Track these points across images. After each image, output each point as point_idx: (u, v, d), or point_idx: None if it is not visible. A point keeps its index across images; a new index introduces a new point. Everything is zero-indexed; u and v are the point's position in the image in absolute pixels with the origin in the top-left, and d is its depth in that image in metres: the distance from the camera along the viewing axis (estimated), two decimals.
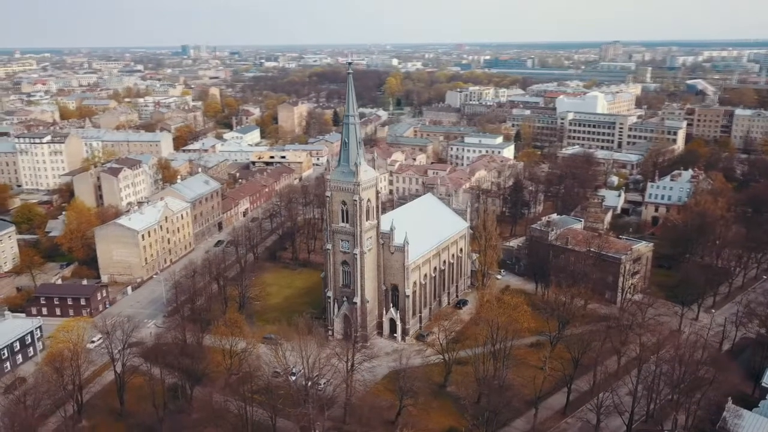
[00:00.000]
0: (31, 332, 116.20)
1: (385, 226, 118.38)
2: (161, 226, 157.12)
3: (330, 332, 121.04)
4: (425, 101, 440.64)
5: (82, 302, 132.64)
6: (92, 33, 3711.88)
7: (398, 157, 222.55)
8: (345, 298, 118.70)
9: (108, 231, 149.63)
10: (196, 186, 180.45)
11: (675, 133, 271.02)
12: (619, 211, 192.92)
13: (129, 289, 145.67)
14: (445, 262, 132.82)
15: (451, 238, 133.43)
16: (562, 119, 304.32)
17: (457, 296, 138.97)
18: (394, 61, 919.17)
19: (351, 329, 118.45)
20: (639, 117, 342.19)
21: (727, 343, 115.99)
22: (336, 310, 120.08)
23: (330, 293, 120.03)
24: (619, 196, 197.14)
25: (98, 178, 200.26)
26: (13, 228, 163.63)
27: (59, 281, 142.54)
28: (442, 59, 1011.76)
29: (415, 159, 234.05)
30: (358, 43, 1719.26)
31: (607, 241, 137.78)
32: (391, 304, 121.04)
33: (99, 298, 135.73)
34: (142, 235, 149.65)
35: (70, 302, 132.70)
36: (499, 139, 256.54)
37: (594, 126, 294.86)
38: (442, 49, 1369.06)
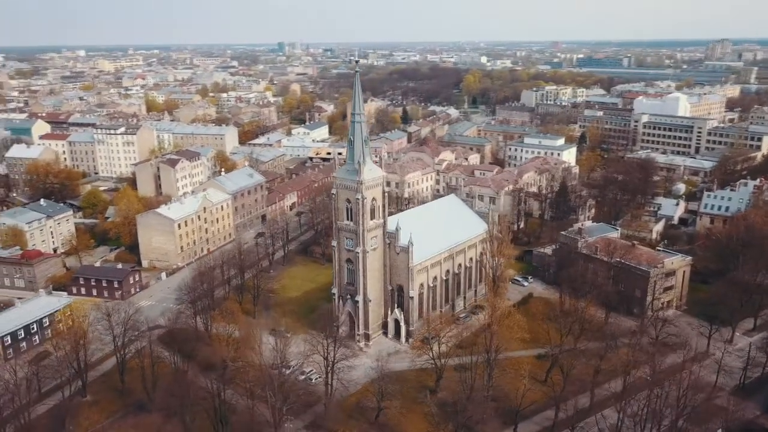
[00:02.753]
0: (60, 310, 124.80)
1: (402, 226, 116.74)
2: (199, 216, 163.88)
3: (336, 329, 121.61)
4: (501, 100, 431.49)
5: (115, 285, 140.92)
6: (200, 31, 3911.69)
7: (447, 156, 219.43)
8: (349, 296, 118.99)
9: (148, 219, 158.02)
10: (239, 179, 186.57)
11: (759, 139, 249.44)
12: (676, 221, 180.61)
13: (163, 274, 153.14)
14: (460, 265, 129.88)
15: (468, 242, 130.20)
16: (636, 122, 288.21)
17: (475, 301, 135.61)
18: (483, 59, 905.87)
19: (354, 327, 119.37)
20: (730, 121, 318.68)
21: (758, 371, 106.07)
22: (341, 307, 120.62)
23: (335, 290, 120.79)
24: (677, 204, 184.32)
25: (158, 169, 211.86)
26: (70, 212, 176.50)
27: (99, 264, 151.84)
28: (534, 57, 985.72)
29: (467, 159, 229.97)
30: (452, 41, 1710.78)
31: (635, 252, 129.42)
32: (396, 305, 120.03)
33: (131, 281, 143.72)
34: (179, 224, 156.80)
35: (104, 284, 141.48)
36: (560, 141, 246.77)
37: (669, 129, 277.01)
38: (536, 47, 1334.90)
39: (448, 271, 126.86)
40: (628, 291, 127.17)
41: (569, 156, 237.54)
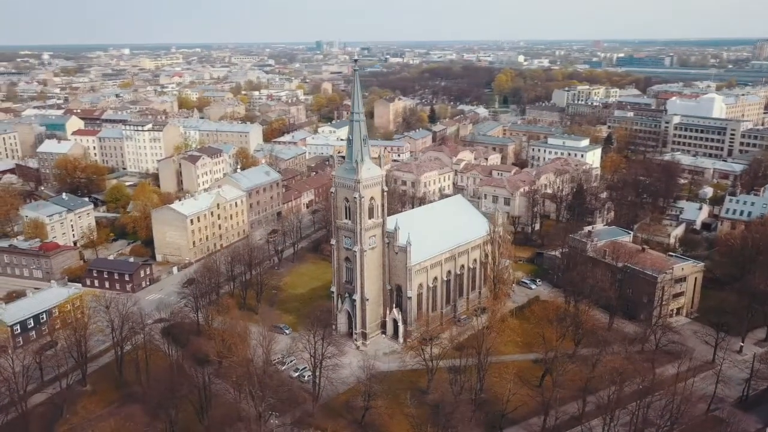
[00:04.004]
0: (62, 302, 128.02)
1: (403, 226, 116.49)
2: (212, 213, 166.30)
3: (334, 327, 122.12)
4: (532, 99, 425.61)
5: (126, 278, 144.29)
6: (241, 30, 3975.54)
7: (465, 156, 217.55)
8: (347, 295, 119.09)
9: (162, 214, 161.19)
10: (255, 176, 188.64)
11: None
12: (698, 225, 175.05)
13: (175, 269, 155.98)
14: (463, 266, 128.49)
15: (471, 243, 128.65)
16: (667, 123, 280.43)
17: (479, 303, 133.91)
18: (520, 58, 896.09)
19: (352, 326, 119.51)
20: None
21: (764, 383, 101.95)
22: (340, 305, 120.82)
23: (334, 288, 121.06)
24: (700, 209, 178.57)
25: (180, 165, 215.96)
26: (91, 206, 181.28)
27: (112, 257, 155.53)
28: (572, 56, 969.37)
29: (487, 159, 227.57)
30: (491, 39, 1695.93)
31: (644, 257, 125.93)
32: (395, 305, 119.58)
33: (141, 275, 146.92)
34: (191, 220, 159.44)
35: (116, 277, 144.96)
36: (585, 142, 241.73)
37: (701, 131, 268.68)
38: (576, 46, 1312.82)
39: (449, 271, 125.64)
40: (636, 296, 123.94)
41: (593, 157, 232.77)
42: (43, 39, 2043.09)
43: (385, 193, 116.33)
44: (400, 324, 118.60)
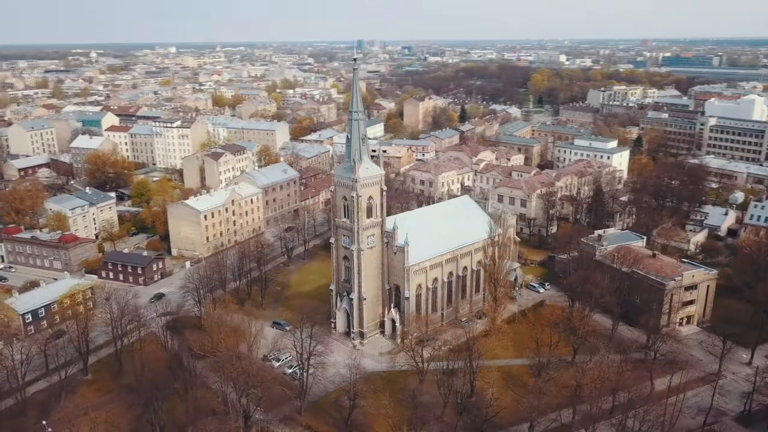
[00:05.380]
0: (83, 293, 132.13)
1: (405, 226, 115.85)
2: (227, 209, 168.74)
3: (333, 325, 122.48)
4: (567, 100, 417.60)
5: (139, 271, 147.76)
6: (285, 28, 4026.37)
7: (486, 156, 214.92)
8: (345, 293, 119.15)
9: (177, 209, 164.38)
10: (272, 174, 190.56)
11: None
12: (723, 232, 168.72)
13: (188, 263, 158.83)
14: (465, 268, 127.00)
15: (475, 244, 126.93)
16: (702, 125, 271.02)
17: (484, 305, 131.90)
18: (562, 57, 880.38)
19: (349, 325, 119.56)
20: None
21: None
22: (338, 303, 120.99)
23: (333, 287, 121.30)
24: (725, 214, 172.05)
25: (203, 161, 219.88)
26: (113, 200, 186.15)
27: (128, 250, 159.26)
28: (617, 56, 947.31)
29: (509, 159, 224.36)
30: (535, 39, 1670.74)
31: (654, 263, 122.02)
32: (393, 305, 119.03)
33: (154, 268, 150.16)
34: (205, 215, 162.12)
35: (129, 270, 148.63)
36: (612, 144, 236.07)
37: (738, 134, 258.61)
38: (623, 45, 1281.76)
39: (451, 273, 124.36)
40: (644, 303, 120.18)
41: (621, 159, 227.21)
42: (96, 38, 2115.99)
43: (385, 193, 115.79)
44: (397, 324, 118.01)
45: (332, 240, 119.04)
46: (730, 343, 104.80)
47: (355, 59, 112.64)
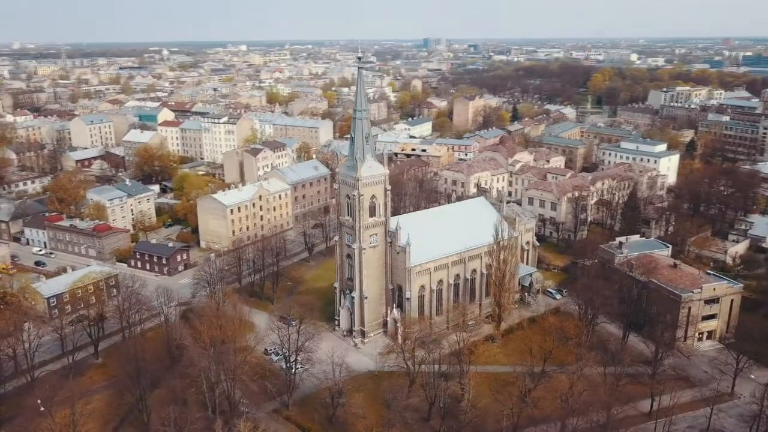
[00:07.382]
0: (106, 280, 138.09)
1: (413, 226, 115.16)
2: (254, 204, 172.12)
3: (336, 323, 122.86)
4: (627, 100, 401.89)
5: (163, 261, 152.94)
6: (354, 26, 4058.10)
7: (523, 157, 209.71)
8: (348, 291, 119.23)
9: (206, 203, 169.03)
10: (303, 171, 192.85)
11: None
12: None
13: (212, 255, 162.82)
14: (474, 271, 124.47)
15: (485, 247, 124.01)
16: (765, 129, 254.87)
17: (494, 309, 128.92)
18: (633, 56, 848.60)
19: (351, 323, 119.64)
20: None
21: None
22: (342, 301, 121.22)
23: (336, 285, 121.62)
24: None
25: (242, 157, 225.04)
26: (152, 192, 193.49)
27: (155, 241, 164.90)
28: (693, 55, 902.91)
29: (548, 161, 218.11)
30: (608, 38, 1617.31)
31: (673, 273, 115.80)
32: (395, 305, 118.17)
33: (178, 259, 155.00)
34: (231, 210, 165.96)
35: (155, 260, 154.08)
36: (661, 147, 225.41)
37: None
38: (702, 44, 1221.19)
39: (458, 275, 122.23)
40: (660, 315, 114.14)
41: (669, 164, 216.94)
42: (173, 36, 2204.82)
43: (389, 192, 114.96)
44: (399, 324, 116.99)
45: (336, 238, 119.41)
46: (747, 360, 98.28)
47: (359, 58, 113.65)
